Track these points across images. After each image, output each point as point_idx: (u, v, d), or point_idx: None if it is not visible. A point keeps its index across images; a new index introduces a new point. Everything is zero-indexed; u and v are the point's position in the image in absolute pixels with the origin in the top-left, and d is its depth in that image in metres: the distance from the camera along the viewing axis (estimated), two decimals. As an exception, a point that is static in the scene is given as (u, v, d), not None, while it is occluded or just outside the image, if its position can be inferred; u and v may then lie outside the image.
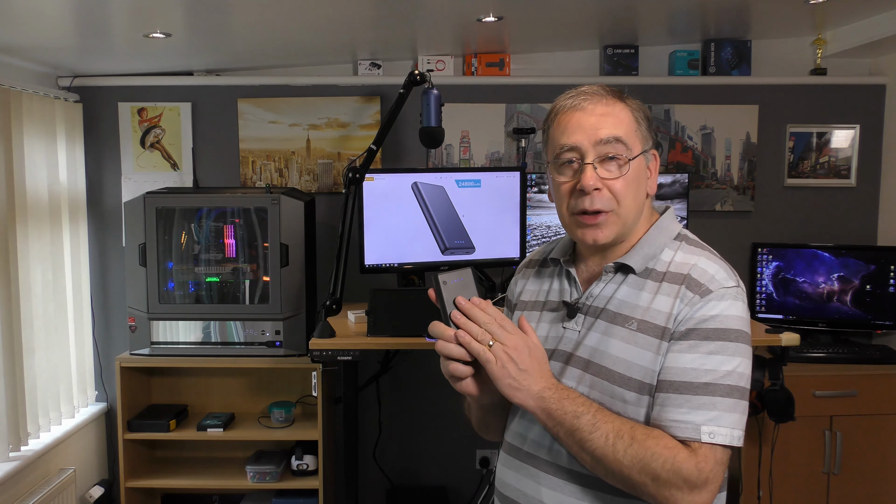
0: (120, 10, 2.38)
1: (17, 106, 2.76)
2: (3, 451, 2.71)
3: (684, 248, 1.29)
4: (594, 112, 1.25)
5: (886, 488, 3.03)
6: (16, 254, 2.73)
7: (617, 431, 1.15)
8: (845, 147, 3.38)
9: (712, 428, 1.14)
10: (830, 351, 3.12)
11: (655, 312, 1.22)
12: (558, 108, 1.29)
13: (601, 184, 1.24)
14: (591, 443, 1.15)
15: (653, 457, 1.13)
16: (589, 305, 1.30)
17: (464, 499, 3.43)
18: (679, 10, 2.86)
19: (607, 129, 1.24)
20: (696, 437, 1.14)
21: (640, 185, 1.28)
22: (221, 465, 3.21)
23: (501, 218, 3.03)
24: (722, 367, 1.17)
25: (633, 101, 1.30)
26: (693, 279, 1.22)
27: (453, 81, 3.28)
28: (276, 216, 2.96)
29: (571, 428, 1.17)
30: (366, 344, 2.54)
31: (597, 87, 1.29)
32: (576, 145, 1.25)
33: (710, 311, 1.19)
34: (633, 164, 1.25)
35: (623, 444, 1.14)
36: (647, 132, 1.29)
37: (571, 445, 1.18)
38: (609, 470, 1.16)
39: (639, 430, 1.16)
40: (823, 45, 3.30)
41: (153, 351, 3.03)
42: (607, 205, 1.25)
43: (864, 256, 3.19)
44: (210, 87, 3.33)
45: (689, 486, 1.13)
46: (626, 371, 1.22)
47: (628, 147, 1.25)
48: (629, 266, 1.28)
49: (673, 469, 1.12)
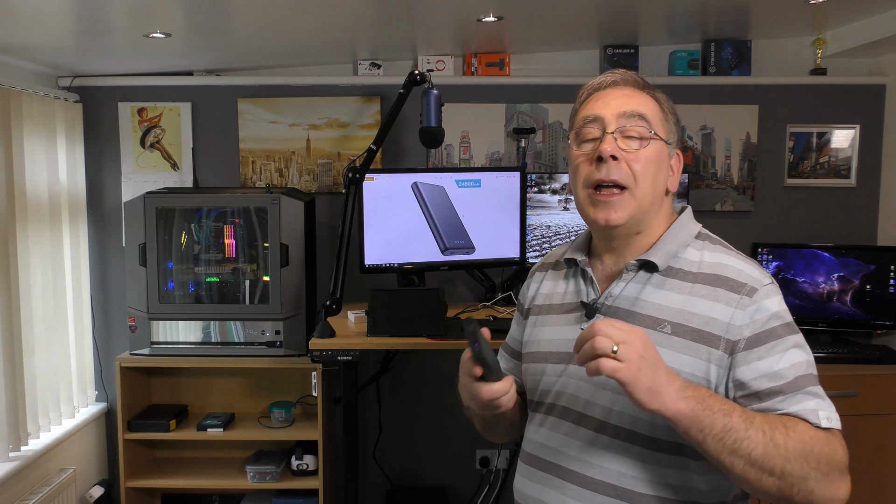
0: (120, 10, 2.38)
1: (17, 106, 2.76)
2: (3, 451, 2.71)
3: (708, 246, 1.26)
4: (622, 92, 1.26)
5: (886, 488, 3.03)
6: (16, 254, 2.73)
7: (770, 424, 1.07)
8: (845, 147, 3.38)
9: (828, 413, 1.12)
10: (830, 351, 3.11)
11: (692, 315, 1.18)
12: (589, 89, 1.30)
13: (620, 154, 1.21)
14: (749, 441, 1.05)
15: (812, 441, 1.07)
16: (609, 306, 1.25)
17: (464, 499, 3.43)
18: (679, 10, 2.86)
19: (633, 104, 1.24)
20: (820, 423, 1.10)
21: (660, 169, 1.25)
22: (221, 465, 3.21)
23: (501, 218, 3.03)
24: (801, 359, 1.16)
25: (663, 94, 1.29)
26: (732, 280, 1.19)
27: (453, 81, 3.28)
28: (276, 216, 2.96)
29: (725, 428, 1.05)
30: (366, 344, 2.54)
31: (631, 73, 1.29)
32: (599, 115, 1.24)
33: (766, 310, 1.16)
34: (655, 144, 1.23)
35: (781, 435, 1.06)
36: (673, 127, 1.28)
37: (721, 451, 1.06)
38: (769, 469, 1.05)
39: (783, 418, 1.09)
40: (823, 45, 3.30)
41: (153, 351, 3.03)
42: (624, 178, 1.21)
43: (864, 256, 3.19)
44: (210, 87, 3.33)
45: (841, 472, 1.09)
46: None
47: (651, 126, 1.23)
48: (652, 263, 1.23)
49: (831, 452, 1.08)
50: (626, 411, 1.20)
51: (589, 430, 1.24)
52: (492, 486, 3.34)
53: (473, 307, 3.09)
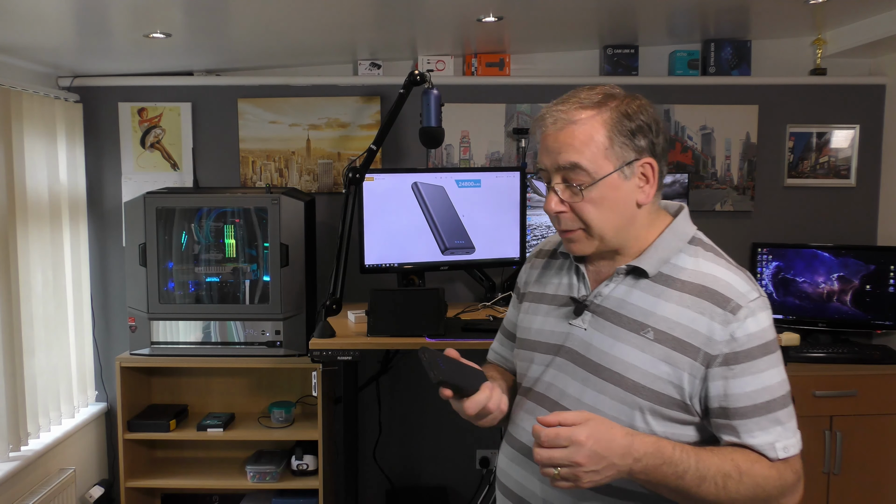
0: (120, 10, 2.38)
1: (17, 106, 2.76)
2: (3, 451, 2.71)
3: (701, 253, 1.28)
4: (559, 134, 1.23)
5: (886, 488, 3.03)
6: (16, 254, 2.73)
7: (724, 473, 1.16)
8: (845, 147, 3.38)
9: (786, 443, 1.20)
10: (830, 351, 3.11)
11: (676, 325, 1.21)
12: (538, 118, 1.28)
13: (564, 207, 1.25)
14: (700, 493, 1.16)
15: (764, 480, 1.18)
16: (597, 305, 1.29)
17: (464, 499, 3.43)
18: (679, 10, 2.86)
19: (566, 154, 1.22)
20: (776, 455, 1.19)
21: (614, 204, 1.23)
22: (221, 465, 3.21)
23: (501, 218, 3.03)
24: (774, 381, 1.21)
25: (618, 109, 1.22)
26: (719, 294, 1.21)
27: (453, 81, 3.28)
28: (276, 216, 2.96)
29: (677, 488, 1.16)
30: (366, 344, 2.54)
31: (578, 98, 1.24)
32: (544, 167, 1.27)
33: (748, 328, 1.19)
34: (599, 186, 1.22)
35: (734, 483, 1.16)
36: (626, 143, 1.22)
37: (674, 498, 1.19)
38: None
39: (738, 459, 1.18)
40: (823, 45, 3.30)
41: (153, 351, 3.03)
42: (571, 225, 1.26)
43: (864, 256, 3.19)
44: (210, 87, 3.33)
45: (791, 492, 1.22)
46: (640, 379, 1.21)
47: (589, 173, 1.21)
48: (642, 269, 1.26)
49: (781, 484, 1.19)
50: (611, 413, 1.23)
51: None
52: (492, 486, 3.34)
53: (473, 307, 3.09)
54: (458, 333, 2.57)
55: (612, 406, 1.22)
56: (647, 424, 1.21)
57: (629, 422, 1.21)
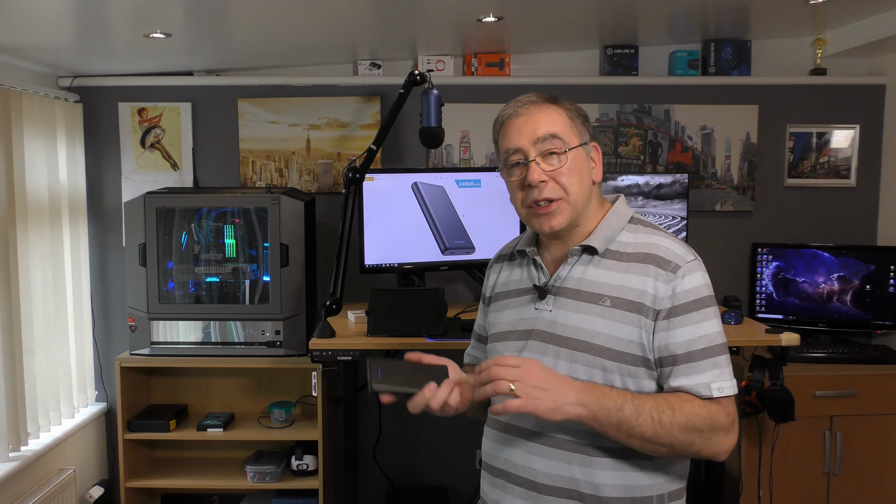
0: (120, 10, 2.38)
1: (17, 106, 2.76)
2: (3, 451, 2.71)
3: (640, 229, 1.44)
4: (529, 114, 1.41)
5: (886, 488, 3.03)
6: (16, 254, 2.73)
7: (658, 408, 1.29)
8: (845, 147, 3.38)
9: (721, 384, 1.33)
10: (830, 351, 3.11)
11: (628, 290, 1.36)
12: (501, 119, 1.46)
13: (546, 176, 1.38)
14: (640, 427, 1.28)
15: (694, 417, 1.30)
16: (558, 287, 1.43)
17: (464, 499, 3.43)
18: (679, 10, 2.86)
19: (543, 127, 1.39)
20: (709, 393, 1.32)
21: (582, 173, 1.41)
22: (221, 465, 3.21)
23: (501, 218, 3.03)
24: (711, 331, 1.34)
25: (566, 103, 1.44)
26: (660, 258, 1.37)
27: (453, 81, 3.29)
28: (276, 216, 2.96)
29: (618, 421, 1.28)
30: (366, 344, 2.54)
31: (531, 95, 1.44)
32: (519, 147, 1.41)
33: (686, 285, 1.34)
34: (572, 154, 1.40)
35: (667, 417, 1.29)
36: (582, 127, 1.43)
37: (619, 436, 1.29)
38: (659, 443, 1.29)
39: (671, 399, 1.31)
40: (823, 45, 3.30)
41: (153, 351, 3.03)
42: (555, 193, 1.39)
43: (864, 256, 3.19)
44: (210, 87, 3.33)
45: (724, 431, 1.32)
46: (605, 343, 1.35)
47: (564, 141, 1.39)
48: (592, 248, 1.41)
49: (711, 421, 1.31)
50: (585, 378, 1.36)
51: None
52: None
53: (473, 307, 3.09)
54: (458, 333, 2.57)
55: (585, 372, 1.35)
56: (621, 384, 1.34)
57: (603, 383, 1.34)
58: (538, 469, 1.38)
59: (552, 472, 1.37)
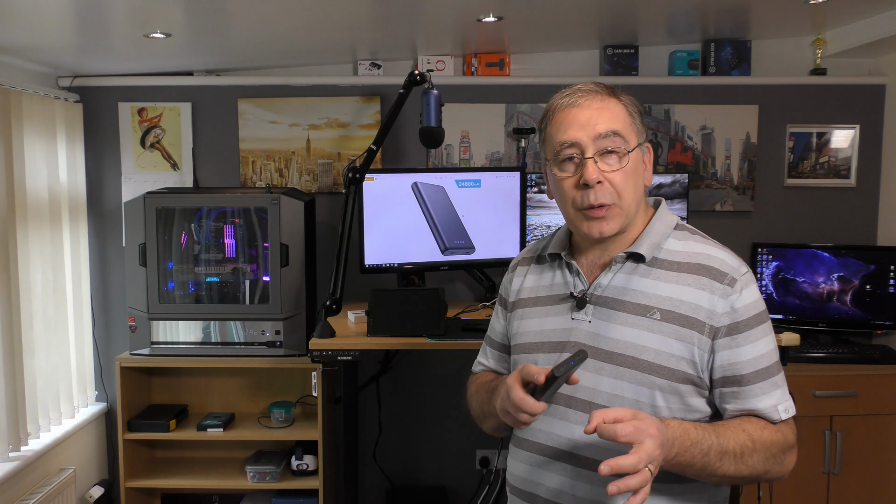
0: (120, 10, 2.38)
1: (17, 106, 2.76)
2: (3, 451, 2.71)
3: (688, 237, 1.34)
4: (590, 107, 1.29)
5: (886, 488, 3.03)
6: (16, 254, 2.73)
7: (741, 444, 1.23)
8: (845, 147, 3.38)
9: (786, 405, 1.28)
10: (830, 351, 3.11)
11: (680, 303, 1.26)
12: (555, 107, 1.33)
13: (603, 177, 1.27)
14: (723, 469, 1.22)
15: (772, 445, 1.26)
16: (598, 296, 1.32)
17: (464, 499, 3.43)
18: (679, 10, 2.86)
19: (604, 123, 1.28)
20: (780, 417, 1.27)
21: (638, 176, 1.31)
22: (221, 465, 3.21)
23: (501, 218, 3.03)
24: (769, 348, 1.29)
25: (626, 96, 1.33)
26: (715, 270, 1.28)
27: (453, 81, 3.28)
28: (276, 216, 2.96)
29: (703, 466, 1.21)
30: (366, 344, 2.54)
31: (591, 84, 1.32)
32: (576, 141, 1.29)
33: (744, 300, 1.26)
34: (632, 155, 1.29)
35: (749, 452, 1.23)
36: (640, 126, 1.32)
37: (702, 477, 1.24)
38: (740, 477, 1.25)
39: (748, 428, 1.25)
40: (823, 45, 3.30)
41: (153, 351, 3.03)
42: (609, 198, 1.28)
43: (864, 256, 3.19)
44: (210, 87, 3.33)
45: (791, 451, 1.30)
46: (654, 359, 1.25)
47: (625, 140, 1.28)
48: (639, 255, 1.31)
49: (785, 445, 1.28)
50: (631, 396, 1.27)
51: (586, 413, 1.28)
52: (492, 486, 3.34)
53: (473, 307, 3.09)
54: (458, 333, 2.57)
55: (631, 389, 1.25)
56: (666, 403, 1.25)
57: (650, 402, 1.25)
58: (584, 497, 1.28)
59: (596, 499, 1.27)
